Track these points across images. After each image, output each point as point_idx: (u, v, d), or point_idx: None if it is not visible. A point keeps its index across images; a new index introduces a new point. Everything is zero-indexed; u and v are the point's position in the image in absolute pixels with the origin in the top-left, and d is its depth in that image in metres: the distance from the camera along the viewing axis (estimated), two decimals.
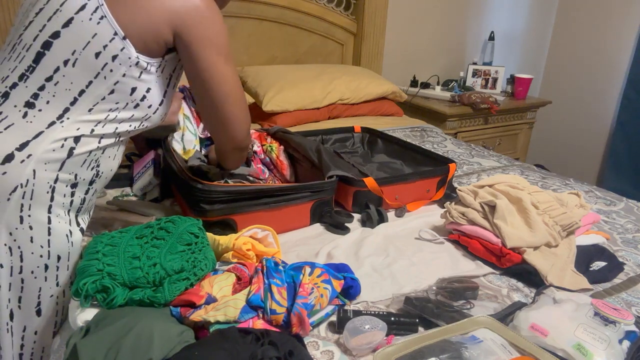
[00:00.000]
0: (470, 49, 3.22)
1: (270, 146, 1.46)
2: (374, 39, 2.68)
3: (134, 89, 0.89)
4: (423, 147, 1.73)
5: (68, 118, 0.86)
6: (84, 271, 0.80)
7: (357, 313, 0.85)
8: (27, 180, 0.83)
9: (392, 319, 0.85)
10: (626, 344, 0.77)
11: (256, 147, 1.44)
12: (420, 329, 0.86)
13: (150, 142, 1.45)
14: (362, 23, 2.62)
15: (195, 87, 0.95)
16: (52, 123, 0.85)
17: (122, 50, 0.85)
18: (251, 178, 1.33)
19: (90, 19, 0.83)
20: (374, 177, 1.31)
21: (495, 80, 2.98)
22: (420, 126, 2.31)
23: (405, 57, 2.98)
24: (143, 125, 0.95)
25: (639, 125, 2.98)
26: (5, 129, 0.83)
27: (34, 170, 0.84)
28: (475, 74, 2.97)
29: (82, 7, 0.84)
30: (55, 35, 0.84)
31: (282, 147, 1.47)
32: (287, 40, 2.53)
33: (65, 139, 0.86)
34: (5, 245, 0.84)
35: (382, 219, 1.27)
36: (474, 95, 2.64)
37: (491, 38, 3.03)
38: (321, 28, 2.59)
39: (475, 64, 3.00)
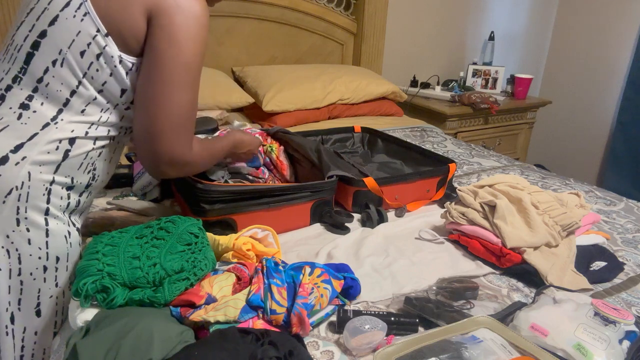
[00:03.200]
0: (470, 49, 3.22)
1: (270, 146, 1.45)
2: (374, 39, 2.68)
3: (123, 91, 0.87)
4: (423, 147, 1.73)
5: (62, 119, 0.85)
6: (83, 271, 0.80)
7: (357, 313, 0.85)
8: (22, 183, 0.83)
9: (392, 319, 0.85)
10: (626, 344, 0.77)
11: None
12: (420, 329, 0.86)
13: None
14: (362, 23, 2.62)
15: (141, 77, 0.84)
16: (47, 124, 0.84)
17: (104, 48, 0.83)
18: (251, 177, 1.33)
19: (74, 15, 0.82)
20: (374, 177, 1.31)
21: (495, 80, 2.98)
22: (420, 126, 2.31)
23: (405, 57, 2.98)
24: None
25: (639, 125, 2.98)
26: (1, 130, 0.83)
27: (29, 173, 0.83)
28: (475, 74, 2.97)
29: (67, 4, 0.82)
30: (43, 34, 0.83)
31: (282, 147, 1.47)
32: (287, 40, 2.53)
33: (60, 141, 0.85)
34: (3, 247, 0.84)
35: (382, 219, 1.27)
36: (474, 95, 2.64)
37: (491, 38, 3.03)
38: (321, 28, 2.59)
39: (475, 64, 3.00)
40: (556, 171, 2.12)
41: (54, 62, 0.83)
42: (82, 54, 0.83)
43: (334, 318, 0.87)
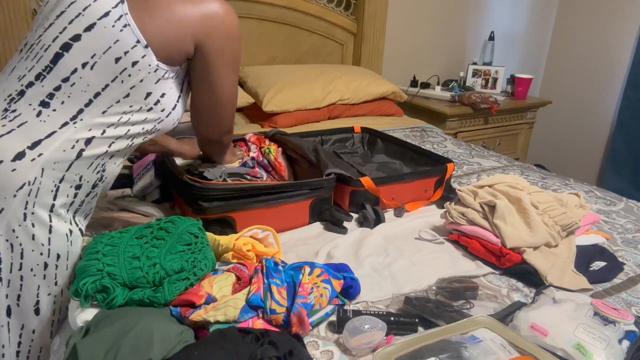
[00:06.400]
0: (470, 49, 3.22)
1: (268, 148, 1.46)
2: (374, 39, 2.68)
3: (148, 94, 0.91)
4: (423, 147, 1.72)
5: (81, 120, 0.87)
6: (83, 271, 0.80)
7: (357, 313, 0.85)
8: (35, 179, 0.84)
9: (392, 318, 0.85)
10: (626, 343, 0.77)
11: (252, 153, 1.44)
12: (420, 328, 0.86)
13: None
14: (362, 23, 2.62)
15: (200, 88, 1.01)
16: (65, 124, 0.86)
17: (143, 57, 0.87)
18: (248, 177, 1.33)
19: (114, 25, 0.85)
20: (372, 177, 1.31)
21: (495, 80, 2.98)
22: (420, 126, 2.31)
23: (405, 57, 2.98)
24: (155, 129, 0.97)
25: (639, 125, 2.98)
26: (19, 126, 0.84)
27: (43, 169, 0.85)
28: (475, 74, 2.97)
29: (106, 14, 0.85)
30: (76, 37, 0.85)
31: (280, 148, 1.47)
32: (287, 40, 2.53)
33: (77, 141, 0.87)
34: (7, 241, 0.85)
35: (379, 219, 1.27)
36: (474, 95, 2.64)
37: (491, 38, 3.03)
38: (321, 28, 2.59)
39: (475, 64, 3.00)
40: (556, 171, 2.12)
41: (84, 65, 0.86)
42: (117, 60, 0.86)
43: (333, 318, 0.87)
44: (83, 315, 0.79)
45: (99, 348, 0.70)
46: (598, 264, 1.11)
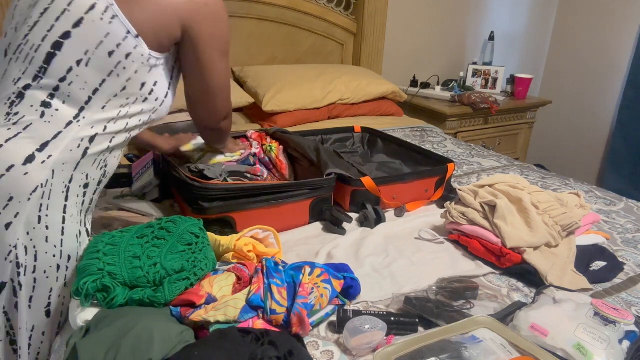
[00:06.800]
0: (470, 49, 3.22)
1: (269, 146, 1.46)
2: (374, 39, 2.68)
3: (143, 84, 0.91)
4: (423, 147, 1.72)
5: (84, 117, 0.87)
6: (84, 270, 0.80)
7: (357, 313, 0.85)
8: (47, 181, 0.84)
9: (392, 319, 0.85)
10: (626, 343, 0.77)
11: (255, 149, 1.44)
12: (420, 329, 0.86)
13: None
14: (362, 23, 2.62)
15: (191, 75, 1.01)
16: (70, 123, 0.86)
17: (135, 48, 0.86)
18: (249, 175, 1.33)
19: (102, 18, 0.84)
20: (372, 177, 1.31)
21: (495, 80, 2.98)
22: (420, 126, 2.31)
23: (405, 57, 2.98)
24: (151, 119, 0.98)
25: (639, 125, 2.98)
26: (24, 129, 0.84)
27: (53, 171, 0.85)
28: (475, 74, 2.97)
29: (92, 7, 0.84)
30: (66, 35, 0.85)
31: (281, 147, 1.47)
32: (287, 40, 2.53)
33: (82, 139, 0.87)
34: (22, 244, 0.85)
35: (379, 218, 1.27)
36: (474, 95, 2.64)
37: (491, 38, 3.03)
38: (321, 28, 2.59)
39: (475, 64, 3.00)
40: (556, 171, 2.12)
41: (78, 62, 0.85)
42: (110, 54, 0.85)
43: (334, 318, 0.87)
44: (83, 314, 0.79)
45: (99, 348, 0.70)
46: (598, 264, 1.11)
